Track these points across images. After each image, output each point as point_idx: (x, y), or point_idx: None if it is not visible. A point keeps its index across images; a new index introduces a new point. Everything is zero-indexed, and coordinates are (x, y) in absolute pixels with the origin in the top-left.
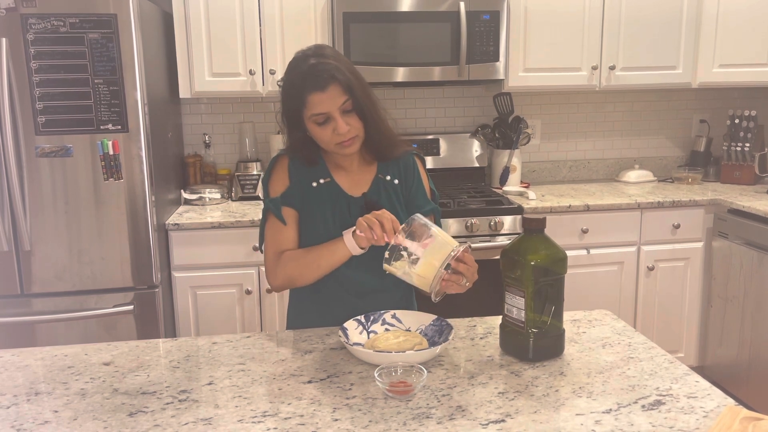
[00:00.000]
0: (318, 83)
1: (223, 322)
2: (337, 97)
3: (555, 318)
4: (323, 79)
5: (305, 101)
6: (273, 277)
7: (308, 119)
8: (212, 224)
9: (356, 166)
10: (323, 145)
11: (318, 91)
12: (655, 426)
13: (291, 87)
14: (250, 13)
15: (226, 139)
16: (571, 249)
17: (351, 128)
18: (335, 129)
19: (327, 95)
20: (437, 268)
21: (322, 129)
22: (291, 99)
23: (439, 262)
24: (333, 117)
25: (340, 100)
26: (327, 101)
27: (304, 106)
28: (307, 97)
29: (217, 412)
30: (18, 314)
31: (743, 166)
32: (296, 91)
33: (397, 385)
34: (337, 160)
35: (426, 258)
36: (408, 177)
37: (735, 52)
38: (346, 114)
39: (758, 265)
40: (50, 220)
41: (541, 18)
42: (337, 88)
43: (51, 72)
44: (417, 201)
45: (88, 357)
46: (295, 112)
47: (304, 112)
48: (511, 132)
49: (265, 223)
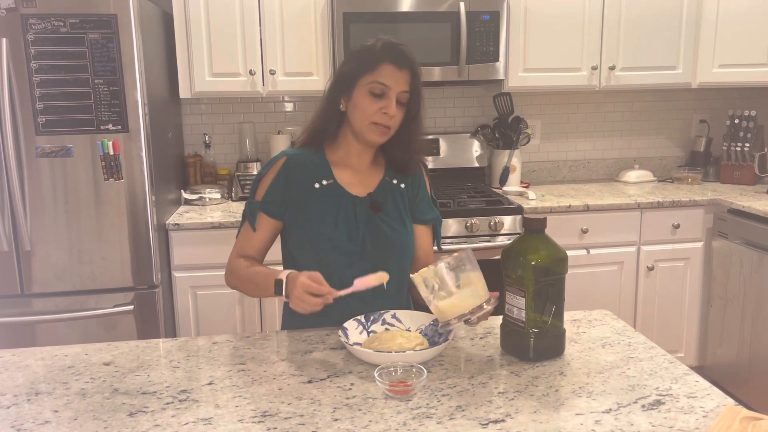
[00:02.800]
0: (398, 60)
1: (223, 322)
2: (404, 83)
3: (555, 318)
4: (405, 60)
5: (376, 67)
6: (227, 277)
7: (365, 85)
8: (212, 224)
9: (366, 165)
10: (360, 119)
11: (394, 65)
12: (655, 426)
13: (368, 50)
14: (250, 13)
15: (226, 139)
16: (571, 249)
17: (395, 117)
18: (384, 108)
19: (400, 74)
20: (459, 314)
21: (372, 100)
22: (360, 60)
23: (463, 310)
24: (388, 96)
25: (404, 87)
26: (397, 78)
27: (371, 71)
28: (381, 63)
29: (217, 412)
30: (18, 314)
31: (743, 166)
32: (372, 56)
33: (397, 385)
34: (349, 153)
35: (454, 299)
36: (414, 183)
37: (735, 52)
38: (398, 105)
39: (758, 265)
40: (50, 220)
41: (541, 18)
42: (408, 76)
43: (51, 72)
44: (421, 208)
45: (88, 357)
46: (354, 76)
47: (365, 77)
48: (511, 132)
49: (242, 222)
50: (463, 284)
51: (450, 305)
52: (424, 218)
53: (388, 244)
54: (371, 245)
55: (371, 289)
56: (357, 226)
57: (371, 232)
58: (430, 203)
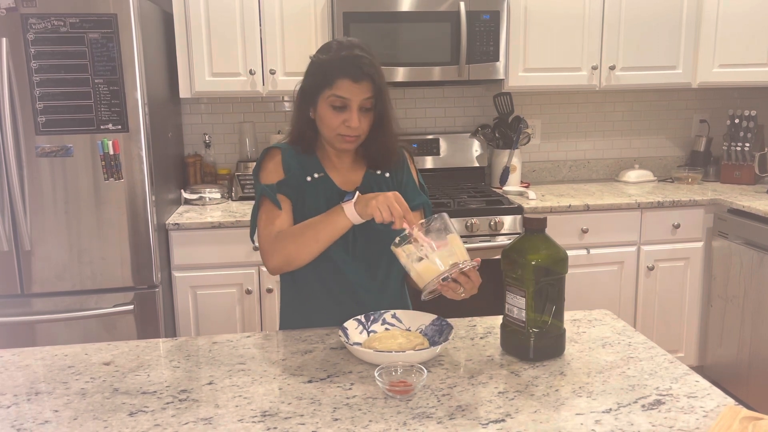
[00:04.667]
0: (354, 73)
1: (223, 322)
2: (364, 91)
3: (556, 318)
4: (361, 73)
5: (333, 82)
6: (269, 257)
7: (325, 99)
8: (212, 224)
9: (347, 164)
10: (326, 131)
11: (350, 80)
12: (655, 426)
13: (325, 65)
14: (250, 12)
15: (226, 139)
16: (571, 249)
17: (360, 126)
18: (346, 121)
19: (358, 86)
20: (437, 274)
21: (334, 114)
22: (319, 75)
23: (441, 268)
24: (350, 108)
25: (365, 95)
26: (355, 90)
27: (329, 86)
28: (336, 80)
29: (217, 412)
30: (18, 314)
31: (743, 166)
32: (329, 71)
33: (397, 385)
34: (329, 155)
35: (431, 259)
36: (398, 169)
37: (735, 52)
38: (362, 112)
39: (758, 265)
40: (50, 220)
41: (541, 18)
42: (368, 85)
43: (51, 72)
44: (407, 194)
45: (88, 357)
46: (316, 89)
47: (324, 92)
48: (511, 132)
49: (258, 210)
50: (439, 246)
51: (426, 266)
52: (411, 204)
53: (377, 235)
54: (361, 237)
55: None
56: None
57: (361, 227)
58: (416, 188)
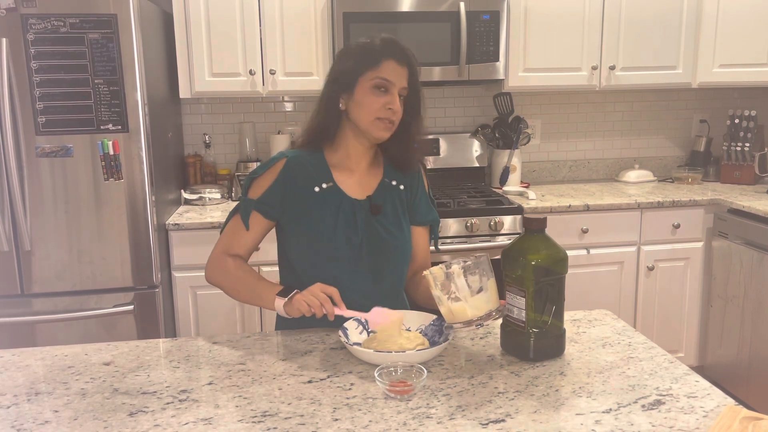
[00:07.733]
0: (400, 56)
1: (223, 322)
2: (404, 79)
3: (556, 318)
4: (405, 56)
5: (379, 63)
6: (209, 273)
7: (368, 81)
8: (212, 224)
9: (364, 167)
10: (364, 116)
11: (396, 61)
12: (655, 426)
13: (368, 47)
14: (250, 13)
15: (226, 139)
16: (571, 249)
17: (398, 113)
18: (388, 103)
19: (401, 70)
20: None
21: (376, 96)
22: (361, 57)
23: (473, 315)
24: (392, 92)
25: (404, 83)
26: (399, 74)
27: (374, 68)
28: (383, 60)
29: (217, 412)
30: (18, 314)
31: (743, 166)
32: (374, 53)
33: (397, 385)
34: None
35: (468, 303)
36: (413, 184)
37: (735, 52)
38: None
39: (758, 265)
40: (50, 220)
41: (541, 18)
42: (407, 73)
43: (51, 72)
44: (420, 209)
45: (88, 357)
46: (355, 73)
47: (368, 73)
48: (511, 132)
49: (230, 219)
50: (479, 289)
51: (461, 308)
52: (422, 219)
53: (385, 248)
54: (368, 249)
55: (367, 292)
56: (356, 230)
57: (369, 236)
58: (428, 204)
